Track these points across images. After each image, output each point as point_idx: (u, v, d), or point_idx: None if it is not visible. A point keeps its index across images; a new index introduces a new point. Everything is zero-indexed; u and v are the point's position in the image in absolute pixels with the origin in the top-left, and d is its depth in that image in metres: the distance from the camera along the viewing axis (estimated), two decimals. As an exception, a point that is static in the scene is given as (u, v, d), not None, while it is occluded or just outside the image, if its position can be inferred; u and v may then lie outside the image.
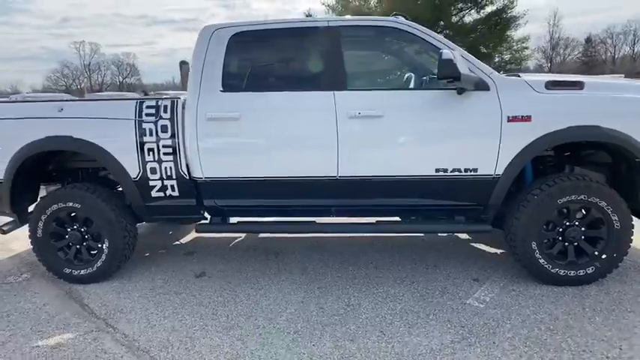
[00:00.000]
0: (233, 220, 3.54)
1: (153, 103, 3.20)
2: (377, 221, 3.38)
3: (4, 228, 3.53)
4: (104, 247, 3.35)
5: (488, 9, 26.59)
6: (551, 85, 3.00)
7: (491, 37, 26.71)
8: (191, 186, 3.25)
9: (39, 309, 3.06)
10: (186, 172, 3.21)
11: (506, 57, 28.67)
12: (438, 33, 3.14)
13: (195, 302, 3.09)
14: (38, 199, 3.53)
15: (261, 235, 4.40)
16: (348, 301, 3.03)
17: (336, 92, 3.06)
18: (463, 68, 2.77)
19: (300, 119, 3.12)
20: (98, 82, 63.34)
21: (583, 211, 3.04)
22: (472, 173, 3.04)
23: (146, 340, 2.64)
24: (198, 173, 3.20)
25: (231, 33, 3.21)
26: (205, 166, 3.18)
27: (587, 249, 3.06)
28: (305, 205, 3.28)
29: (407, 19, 3.45)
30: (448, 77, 2.71)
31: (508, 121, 2.93)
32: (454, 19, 27.72)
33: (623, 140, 2.88)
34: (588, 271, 3.06)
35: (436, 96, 3.01)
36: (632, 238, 3.03)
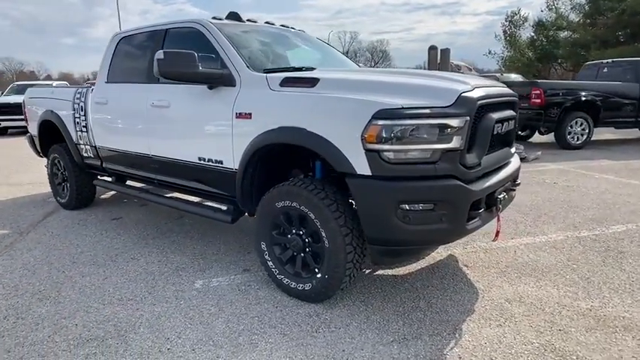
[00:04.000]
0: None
1: (81, 90, 4.56)
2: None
3: (47, 166, 5.67)
4: (69, 187, 5.03)
5: None
6: (286, 82, 2.81)
7: None
8: (95, 151, 4.50)
9: (24, 216, 4.96)
10: (92, 140, 4.48)
11: None
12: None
13: (79, 230, 4.39)
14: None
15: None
16: (145, 260, 3.70)
17: (151, 85, 3.70)
18: (191, 67, 2.96)
19: (130, 106, 3.90)
20: (353, 67, 73.95)
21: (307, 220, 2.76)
22: (220, 165, 3.18)
23: (25, 243, 4.09)
24: (95, 142, 4.43)
25: (120, 37, 4.23)
26: (95, 137, 4.38)
27: (310, 263, 2.79)
28: (143, 176, 4.06)
29: (237, 18, 3.67)
30: (158, 75, 3.00)
31: (236, 117, 2.96)
32: None
33: (318, 146, 2.51)
34: (305, 288, 2.79)
35: (197, 91, 3.24)
36: (347, 264, 2.58)
